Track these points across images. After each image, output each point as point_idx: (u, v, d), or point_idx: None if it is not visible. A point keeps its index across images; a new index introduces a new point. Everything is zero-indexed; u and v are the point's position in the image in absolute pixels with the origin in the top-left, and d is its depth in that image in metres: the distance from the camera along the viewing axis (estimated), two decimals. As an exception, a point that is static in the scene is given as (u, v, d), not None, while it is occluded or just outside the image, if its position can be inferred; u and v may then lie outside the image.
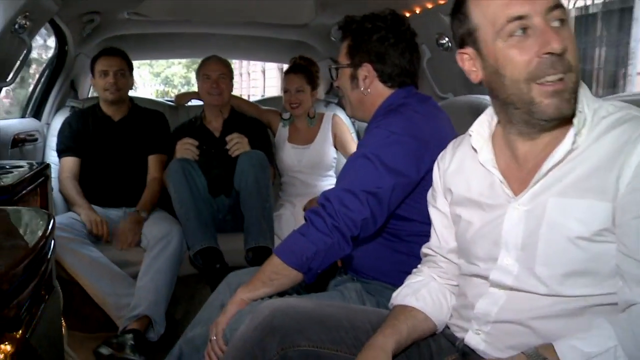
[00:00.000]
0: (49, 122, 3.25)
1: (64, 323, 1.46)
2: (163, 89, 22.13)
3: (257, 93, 18.70)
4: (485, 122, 1.25)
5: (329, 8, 2.95)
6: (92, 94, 3.91)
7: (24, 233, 1.11)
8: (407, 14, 2.54)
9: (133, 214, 2.70)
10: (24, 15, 2.18)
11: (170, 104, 3.64)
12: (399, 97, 1.68)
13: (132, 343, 2.27)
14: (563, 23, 1.05)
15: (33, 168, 2.06)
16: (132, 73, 3.00)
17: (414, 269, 1.43)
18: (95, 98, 3.26)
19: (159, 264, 2.47)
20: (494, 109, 1.21)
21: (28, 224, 1.16)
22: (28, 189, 1.88)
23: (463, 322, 1.25)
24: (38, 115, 3.20)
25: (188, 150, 2.74)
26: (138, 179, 2.87)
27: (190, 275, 2.70)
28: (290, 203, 2.97)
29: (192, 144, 2.75)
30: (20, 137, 2.75)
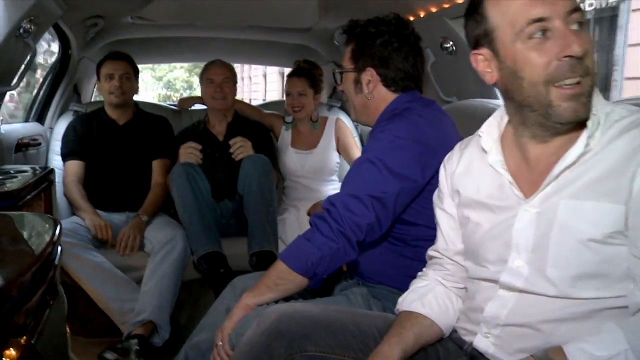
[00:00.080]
0: (52, 126, 3.25)
1: (68, 328, 1.45)
2: (165, 93, 22.16)
3: (258, 97, 18.70)
4: (495, 123, 1.24)
5: (332, 12, 2.95)
6: (95, 98, 3.92)
7: (31, 239, 1.11)
8: (411, 18, 2.53)
9: (134, 219, 2.70)
10: (29, 20, 2.19)
11: (174, 108, 3.64)
12: (403, 101, 1.67)
13: (137, 348, 2.27)
14: (582, 26, 1.05)
15: (37, 173, 2.07)
16: (137, 77, 3.00)
17: (419, 273, 1.42)
18: (99, 102, 3.26)
19: (164, 269, 2.46)
20: (507, 111, 1.20)
21: (35, 230, 1.16)
22: (32, 194, 1.88)
23: (471, 325, 1.24)
24: (41, 120, 3.20)
25: (191, 155, 2.73)
26: (141, 184, 2.86)
27: (195, 280, 2.69)
28: (294, 207, 2.97)
29: (195, 148, 2.75)
30: (24, 141, 2.74)
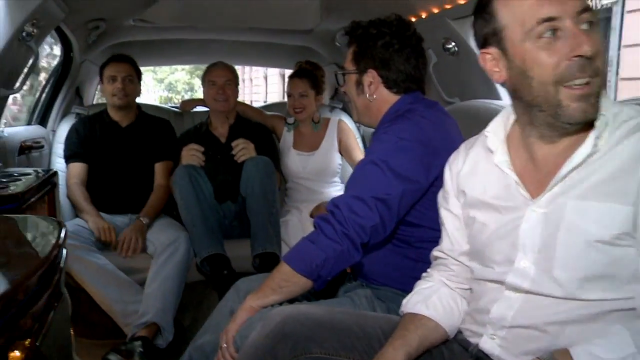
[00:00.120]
0: (55, 129, 3.25)
1: (72, 330, 1.45)
2: (167, 95, 22.17)
3: (259, 99, 18.71)
4: (501, 123, 1.24)
5: (334, 13, 2.95)
6: (97, 101, 3.93)
7: (37, 242, 1.11)
8: (413, 19, 2.53)
9: (135, 221, 2.70)
10: (32, 23, 2.19)
11: (176, 110, 3.64)
12: (406, 102, 1.67)
13: (140, 350, 2.27)
14: (592, 26, 1.04)
15: (41, 175, 2.07)
16: (140, 80, 3.00)
17: (424, 274, 1.42)
18: (101, 105, 3.26)
19: (167, 271, 2.46)
20: (515, 111, 1.19)
21: (40, 233, 1.16)
22: (36, 197, 1.88)
23: (477, 326, 1.24)
24: (44, 122, 3.20)
25: (194, 157, 2.73)
26: (144, 186, 2.86)
27: (198, 282, 2.69)
28: (297, 209, 2.96)
29: (197, 150, 2.75)
30: (27, 144, 2.75)
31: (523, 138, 1.18)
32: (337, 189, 3.09)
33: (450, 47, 2.46)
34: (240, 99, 3.14)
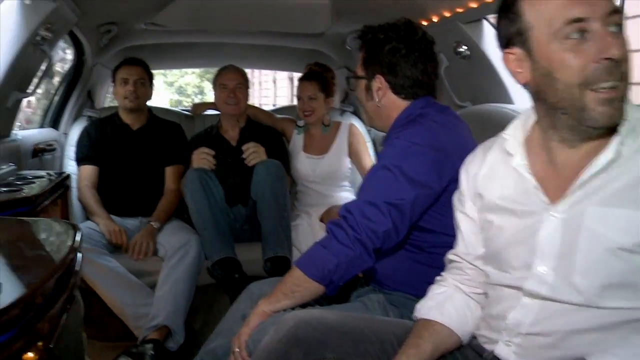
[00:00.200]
0: (67, 131, 3.27)
1: (84, 332, 1.46)
2: (177, 99, 22.25)
3: (268, 102, 18.73)
4: (520, 126, 1.21)
5: (345, 17, 2.95)
6: (108, 104, 3.95)
7: (53, 245, 1.12)
8: (424, 23, 2.53)
9: (146, 226, 2.71)
10: (45, 27, 2.21)
11: (187, 114, 3.66)
12: (417, 107, 1.66)
13: (151, 353, 2.28)
14: (620, 29, 1.02)
15: (54, 178, 2.08)
16: (152, 83, 3.01)
17: (437, 277, 1.40)
18: (112, 108, 3.28)
19: (178, 274, 2.47)
20: (537, 113, 1.16)
21: (56, 236, 1.17)
22: (50, 200, 1.89)
23: (492, 332, 1.22)
24: (56, 125, 3.22)
25: (204, 160, 2.73)
26: (154, 189, 2.87)
27: (209, 285, 2.69)
28: (306, 213, 2.95)
29: (208, 154, 2.75)
30: (40, 147, 2.77)
31: (543, 141, 1.15)
32: (346, 193, 3.08)
33: (462, 50, 2.46)
34: (250, 102, 3.14)
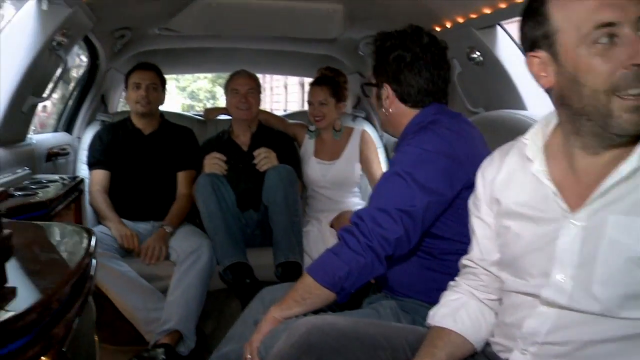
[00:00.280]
0: (80, 136, 3.30)
1: (97, 336, 1.46)
2: (189, 103, 22.36)
3: (279, 107, 18.80)
4: (540, 131, 1.19)
5: (358, 23, 2.96)
6: (121, 109, 3.97)
7: (68, 250, 1.12)
8: (437, 29, 2.53)
9: (158, 230, 2.72)
10: (61, 33, 2.23)
11: (199, 118, 3.67)
12: (429, 114, 1.65)
13: (163, 357, 2.28)
14: None
15: (68, 183, 2.09)
16: (164, 88, 3.02)
17: (451, 282, 1.39)
18: (125, 112, 3.30)
19: (190, 279, 2.47)
20: (560, 119, 1.14)
21: (71, 241, 1.17)
22: (64, 204, 1.90)
23: (507, 340, 1.20)
24: (70, 129, 3.25)
25: (216, 165, 2.74)
26: (166, 193, 2.88)
27: (220, 290, 2.69)
28: (317, 219, 2.94)
29: (220, 159, 2.76)
30: (54, 151, 2.78)
31: (564, 147, 1.13)
32: (357, 199, 3.07)
33: (475, 56, 2.45)
34: (261, 108, 3.15)
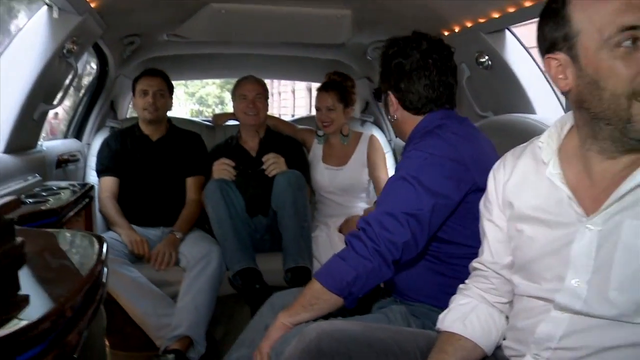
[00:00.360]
0: (90, 142, 3.31)
1: (107, 342, 1.46)
2: (198, 109, 22.48)
3: (287, 112, 18.87)
4: (555, 133, 1.18)
5: (366, 28, 2.95)
6: (130, 115, 3.99)
7: (80, 258, 1.13)
8: (446, 33, 2.53)
9: (168, 236, 2.72)
10: (72, 40, 2.24)
11: (207, 124, 3.68)
12: (435, 118, 1.66)
13: (173, 363, 2.28)
14: None
15: (79, 190, 2.10)
16: (172, 94, 3.02)
17: (461, 286, 1.38)
18: (134, 118, 3.31)
19: (200, 284, 2.47)
20: (577, 122, 1.12)
21: (82, 248, 1.18)
22: (74, 211, 1.91)
23: (519, 345, 1.19)
24: (79, 136, 3.26)
25: (225, 171, 2.74)
26: (175, 199, 2.88)
27: (230, 295, 2.69)
28: (325, 225, 2.94)
29: (229, 165, 2.76)
30: (64, 157, 2.80)
31: (580, 151, 1.12)
32: (365, 204, 3.05)
33: (484, 60, 2.45)
34: (269, 113, 3.15)
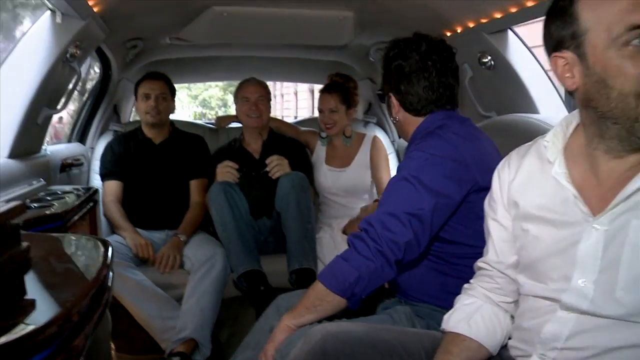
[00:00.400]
0: (93, 146, 3.32)
1: (113, 345, 1.47)
2: (201, 111, 22.53)
3: (290, 114, 18.89)
4: (560, 132, 1.17)
5: (368, 29, 2.95)
6: (133, 118, 4.00)
7: (86, 262, 1.13)
8: (448, 34, 2.53)
9: (173, 239, 2.73)
10: (75, 45, 2.25)
11: (210, 127, 3.68)
12: (436, 119, 1.66)
13: (179, 366, 2.29)
14: None
15: (83, 194, 2.10)
16: (174, 97, 3.03)
17: (466, 285, 1.38)
18: (137, 122, 3.31)
19: (204, 287, 2.48)
20: (583, 121, 1.11)
21: (88, 252, 1.18)
22: (79, 215, 1.91)
23: (526, 345, 1.19)
24: (83, 140, 3.27)
25: (228, 174, 2.75)
26: (179, 202, 2.89)
27: (234, 298, 2.69)
28: (329, 226, 2.94)
29: (232, 167, 2.77)
30: (68, 161, 2.80)
31: (586, 150, 1.11)
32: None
33: (486, 61, 2.44)
34: (272, 115, 3.15)
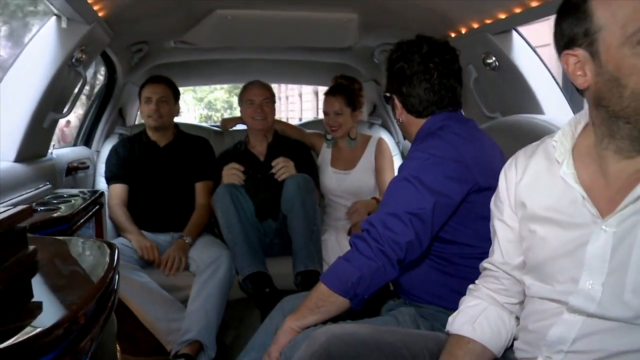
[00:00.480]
0: (99, 149, 3.34)
1: (118, 347, 1.47)
2: (206, 114, 22.58)
3: (294, 116, 18.91)
4: (569, 132, 1.16)
5: (373, 31, 2.95)
6: (139, 121, 4.02)
7: (92, 265, 1.14)
8: (452, 35, 2.53)
9: (178, 241, 2.73)
10: (80, 49, 2.26)
11: (215, 129, 3.69)
12: (439, 120, 1.67)
13: (184, 367, 2.29)
14: None
15: (89, 196, 2.11)
16: (177, 100, 3.03)
17: (471, 286, 1.38)
18: (142, 125, 3.32)
19: (209, 289, 2.48)
20: (594, 120, 1.09)
21: (94, 255, 1.19)
22: (85, 218, 1.92)
23: (531, 347, 1.18)
24: (88, 143, 3.29)
25: (234, 176, 2.75)
26: (184, 204, 2.90)
27: (240, 300, 2.70)
28: (334, 228, 2.94)
29: (238, 169, 2.77)
30: (74, 165, 2.82)
31: (595, 150, 1.10)
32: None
33: (491, 61, 2.44)
34: (277, 117, 3.15)
